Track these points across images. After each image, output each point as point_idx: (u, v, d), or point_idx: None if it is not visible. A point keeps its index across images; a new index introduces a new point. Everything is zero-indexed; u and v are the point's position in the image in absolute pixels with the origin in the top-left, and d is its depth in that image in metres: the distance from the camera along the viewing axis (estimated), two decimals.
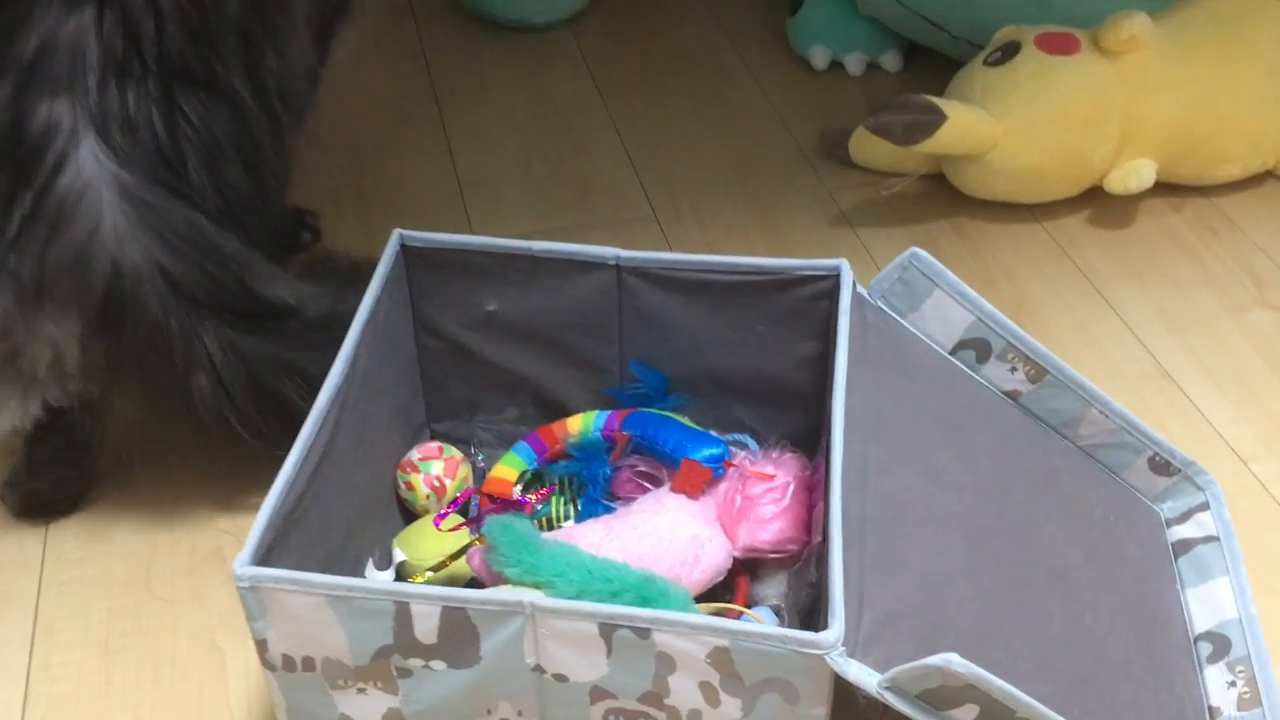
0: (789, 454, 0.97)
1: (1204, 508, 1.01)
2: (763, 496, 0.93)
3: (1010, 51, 1.34)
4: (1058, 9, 1.41)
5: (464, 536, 0.95)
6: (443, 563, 0.93)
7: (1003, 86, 1.31)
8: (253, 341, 0.96)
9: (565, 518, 1.00)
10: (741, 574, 0.95)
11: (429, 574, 0.93)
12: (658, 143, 1.52)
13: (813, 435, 1.00)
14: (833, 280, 0.95)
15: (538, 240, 0.98)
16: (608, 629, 0.72)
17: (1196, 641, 0.92)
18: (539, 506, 0.98)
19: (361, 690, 0.77)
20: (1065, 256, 1.34)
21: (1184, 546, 0.99)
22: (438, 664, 0.75)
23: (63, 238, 0.90)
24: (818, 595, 0.87)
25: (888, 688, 0.69)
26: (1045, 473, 0.94)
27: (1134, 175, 1.31)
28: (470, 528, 0.96)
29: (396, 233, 0.98)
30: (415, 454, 1.01)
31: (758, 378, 1.01)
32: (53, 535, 1.04)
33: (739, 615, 0.91)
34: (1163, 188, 1.37)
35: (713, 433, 0.99)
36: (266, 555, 0.76)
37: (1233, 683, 0.88)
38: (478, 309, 1.01)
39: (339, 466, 0.87)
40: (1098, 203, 1.39)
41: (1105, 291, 1.29)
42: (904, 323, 0.96)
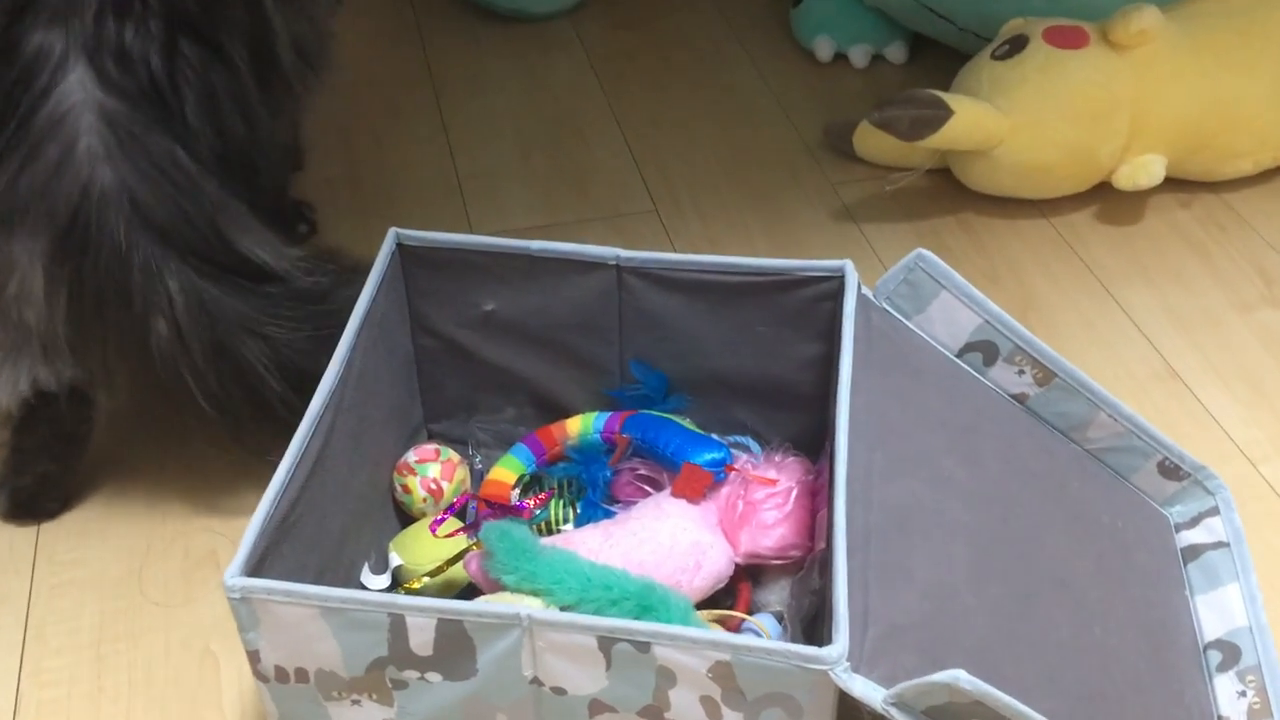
0: (792, 458, 0.96)
1: (1214, 513, 0.99)
2: (765, 502, 0.91)
3: (1018, 45, 1.31)
4: (1066, 2, 1.39)
5: (461, 542, 0.94)
6: (440, 568, 0.92)
7: (1010, 80, 1.29)
8: (219, 295, 0.93)
9: (564, 521, 0.99)
10: (743, 580, 0.93)
11: (425, 579, 0.92)
12: (658, 134, 1.50)
13: (816, 438, 0.99)
14: (837, 281, 0.93)
15: (537, 234, 0.96)
16: (607, 642, 0.70)
17: (1206, 650, 0.91)
18: (537, 511, 0.97)
19: (356, 702, 0.76)
20: (1072, 253, 1.32)
21: (1193, 552, 0.98)
22: (434, 676, 0.74)
23: (38, 161, 0.88)
24: (821, 603, 0.85)
25: (893, 704, 0.67)
26: (1053, 478, 0.93)
27: (1143, 171, 1.29)
28: (468, 533, 0.94)
29: (393, 231, 0.96)
30: (412, 456, 1.00)
31: (760, 379, 0.99)
32: (44, 537, 1.03)
33: (740, 622, 0.90)
34: (1172, 183, 1.35)
35: (714, 435, 0.98)
36: (259, 564, 0.74)
37: (1243, 692, 0.87)
38: (475, 308, 0.99)
39: (334, 471, 0.85)
40: (1106, 199, 1.37)
41: (1113, 289, 1.27)
42: (910, 325, 0.94)
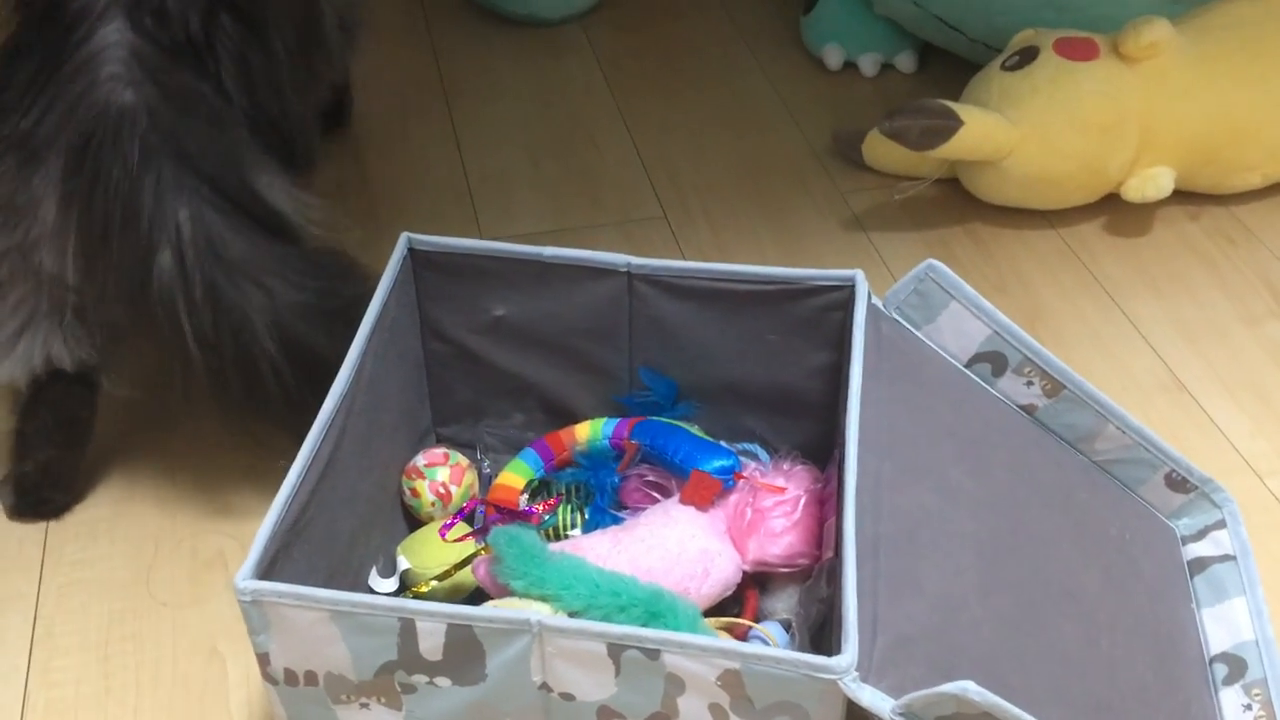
0: (800, 466, 0.96)
1: (1221, 526, 0.99)
2: (773, 510, 0.91)
3: (1028, 56, 1.32)
4: (1076, 13, 1.39)
5: (469, 546, 0.94)
6: (447, 572, 0.92)
7: (1020, 91, 1.30)
8: (228, 233, 0.92)
9: (572, 526, 0.99)
10: (750, 587, 0.93)
11: (433, 583, 0.92)
12: (668, 140, 1.50)
13: (824, 446, 0.99)
14: (847, 291, 0.93)
15: (547, 239, 0.96)
16: (616, 649, 0.70)
17: (1212, 663, 0.91)
18: (546, 516, 0.97)
19: (364, 705, 0.76)
20: (1080, 264, 1.32)
21: (1200, 565, 0.98)
22: (443, 681, 0.74)
23: (65, 96, 0.90)
24: (829, 611, 0.85)
25: (902, 714, 0.68)
26: (1060, 489, 0.93)
27: (1152, 183, 1.30)
28: (476, 537, 0.95)
29: (404, 235, 0.97)
30: (421, 460, 1.00)
31: (769, 387, 0.99)
32: (52, 537, 1.03)
33: (747, 630, 0.90)
34: (1180, 196, 1.35)
35: (722, 442, 0.98)
36: (269, 567, 0.74)
37: (1248, 706, 0.87)
38: (486, 313, 0.99)
39: (344, 474, 0.86)
40: (1114, 210, 1.37)
41: (1120, 300, 1.27)
42: (919, 335, 0.94)
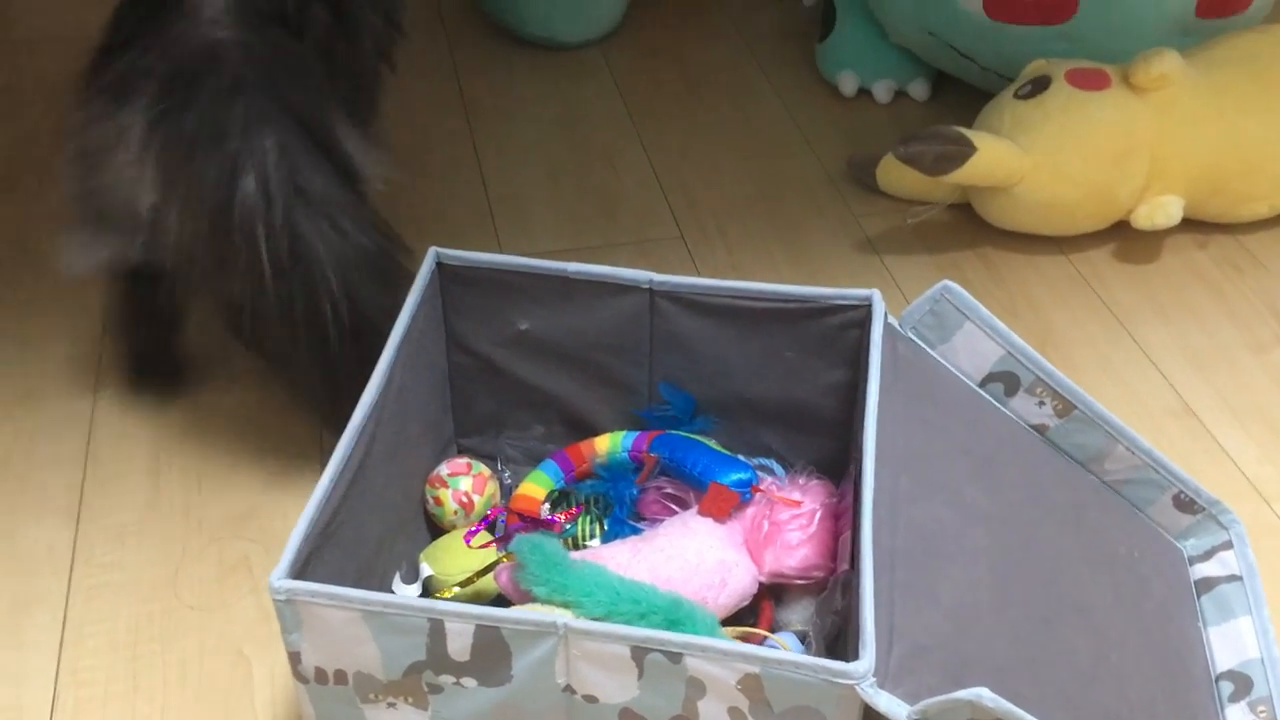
0: (815, 481, 0.98)
1: (1227, 546, 1.01)
2: (789, 523, 0.93)
3: (1041, 85, 1.34)
4: (1088, 44, 1.42)
5: (491, 553, 0.96)
6: (470, 579, 0.94)
7: (1032, 120, 1.32)
8: (309, 169, 0.96)
9: (590, 537, 1.01)
10: (766, 599, 0.95)
11: (456, 590, 0.94)
12: (685, 162, 1.53)
13: (839, 462, 1.01)
14: (863, 310, 0.96)
15: (565, 258, 0.99)
16: (640, 652, 0.72)
17: (1218, 680, 0.93)
18: (568, 526, 0.99)
19: (392, 705, 0.78)
20: (1090, 290, 1.34)
21: (1207, 584, 1.00)
22: (469, 681, 0.76)
23: (163, 37, 0.97)
24: (843, 623, 0.87)
25: (917, 719, 0.69)
26: (1071, 507, 0.95)
27: (1161, 211, 1.32)
28: (498, 545, 0.97)
29: (433, 250, 0.99)
30: (444, 469, 1.02)
31: (786, 403, 1.02)
32: (82, 540, 1.05)
33: (763, 640, 0.92)
34: (1189, 224, 1.38)
35: (740, 457, 1.00)
36: (303, 568, 0.76)
37: None
38: (510, 327, 1.02)
39: (372, 480, 0.88)
40: (1124, 237, 1.39)
41: (1130, 326, 1.30)
42: (934, 354, 0.97)
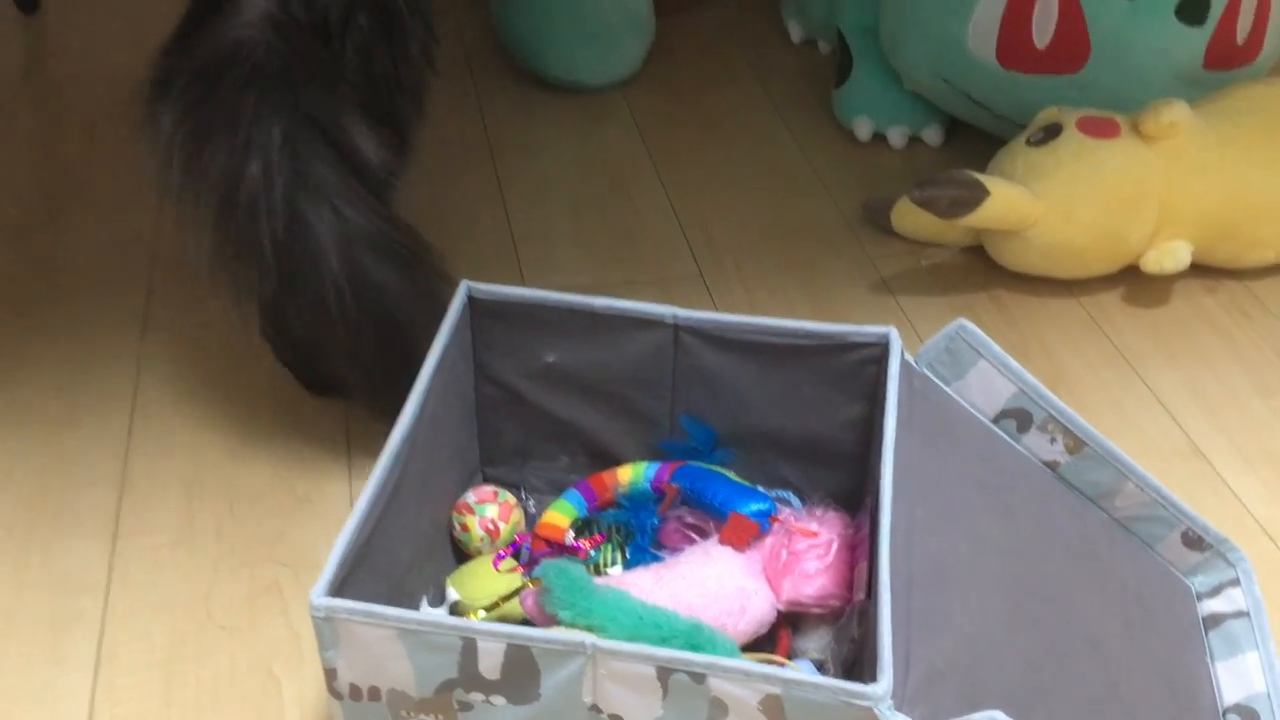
0: (832, 512, 1.00)
1: (1235, 583, 1.03)
2: (807, 552, 0.96)
3: (1052, 132, 1.38)
4: (1098, 94, 1.46)
5: (516, 579, 0.99)
6: (496, 603, 0.97)
7: (1044, 166, 1.36)
8: (313, 157, 1.02)
9: (612, 564, 1.03)
10: (783, 627, 0.98)
11: (482, 614, 0.97)
12: (704, 203, 1.57)
13: (855, 495, 1.04)
14: (880, 347, 0.99)
15: (586, 293, 1.02)
16: (665, 672, 0.75)
17: (1225, 714, 0.95)
18: (592, 552, 1.02)
19: None
20: (1100, 332, 1.37)
21: (1214, 620, 1.02)
22: (498, 699, 0.78)
23: (203, 38, 1.04)
24: (859, 650, 0.90)
25: None
26: (1083, 541, 0.97)
27: (1170, 256, 1.35)
28: (523, 570, 0.99)
29: (464, 284, 1.03)
30: (471, 497, 1.05)
31: (804, 437, 1.04)
32: (118, 561, 1.08)
33: (780, 667, 0.94)
34: (1198, 269, 1.41)
35: (759, 488, 1.03)
36: (340, 588, 0.79)
37: None
38: (537, 360, 1.05)
39: (405, 505, 0.91)
40: (1134, 281, 1.42)
41: (1139, 368, 1.32)
42: (949, 391, 1.00)
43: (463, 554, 1.06)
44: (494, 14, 1.81)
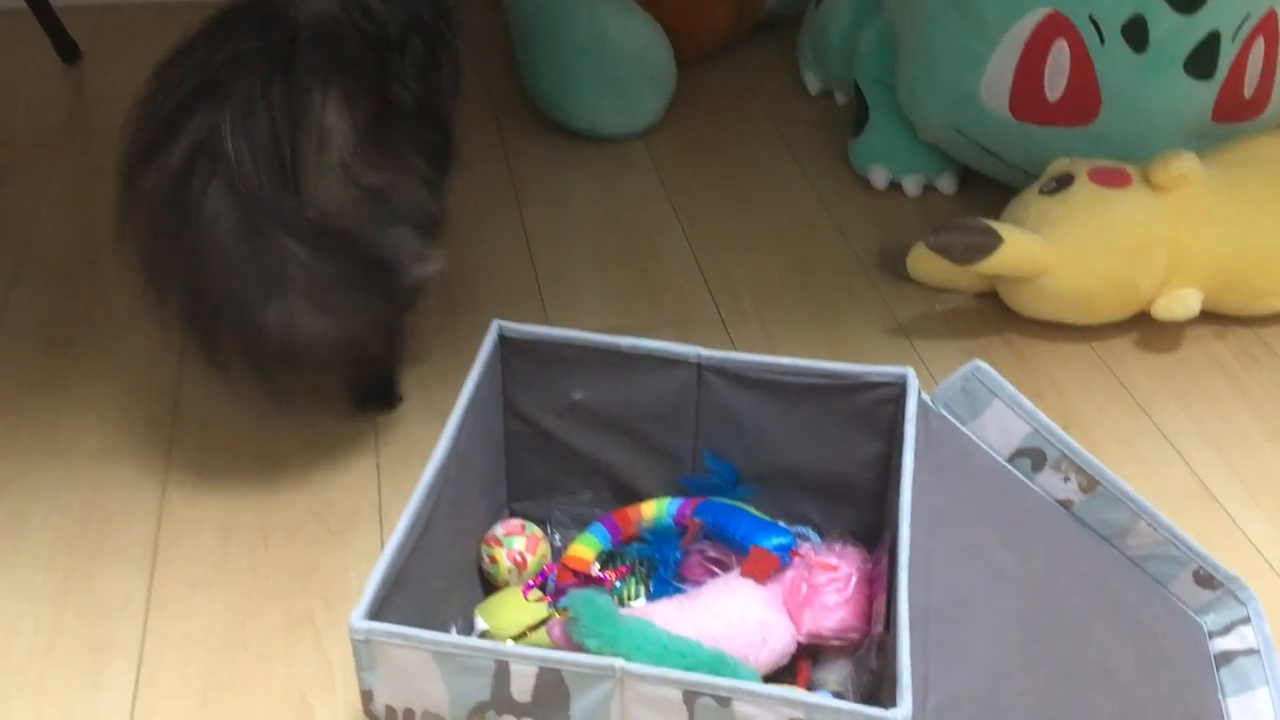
0: (851, 547, 1.03)
1: (1245, 621, 1.05)
2: (827, 585, 0.98)
3: (1064, 182, 1.42)
4: (1109, 145, 1.49)
5: (543, 609, 1.01)
6: (523, 633, 0.99)
7: (1056, 214, 1.39)
8: (266, 185, 1.06)
9: (635, 597, 1.06)
10: (803, 659, 1.00)
11: (510, 643, 0.99)
12: (724, 248, 1.61)
13: (873, 531, 1.06)
14: (898, 386, 1.02)
15: (610, 335, 1.05)
16: (691, 696, 0.77)
17: None
18: (617, 583, 1.05)
19: None
20: (1112, 376, 1.40)
21: (1225, 658, 1.04)
22: None
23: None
24: (878, 682, 0.92)
25: None
26: (1096, 577, 1.00)
27: (1180, 304, 1.38)
28: (549, 601, 1.02)
29: (496, 323, 1.06)
30: (499, 530, 1.08)
31: (824, 474, 1.07)
32: (156, 592, 1.11)
33: None
34: (1208, 316, 1.44)
35: (780, 523, 1.06)
36: (377, 612, 0.82)
37: None
38: (564, 397, 1.08)
39: (437, 536, 0.94)
40: (1145, 327, 1.46)
41: (1151, 411, 1.35)
42: (964, 430, 1.03)
43: (491, 586, 1.09)
44: (521, 68, 1.87)
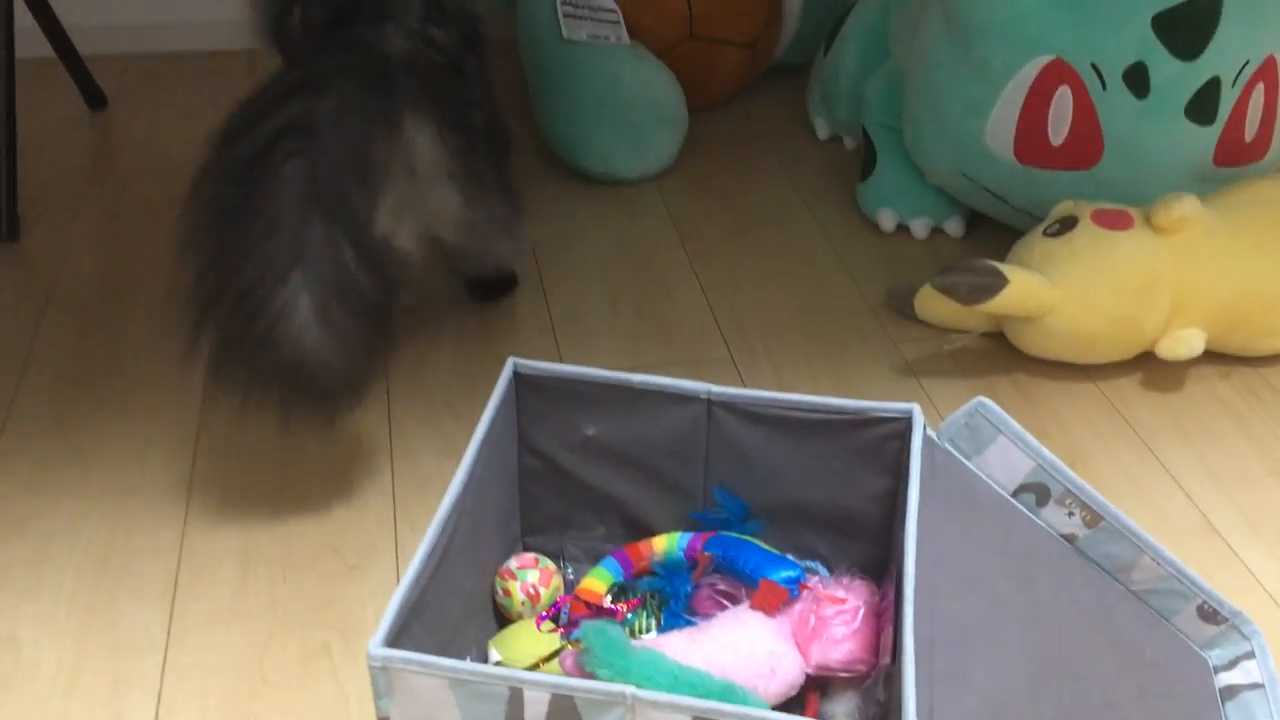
0: (859, 580, 1.05)
1: (1250, 656, 1.06)
2: (835, 618, 1.00)
3: (1068, 224, 1.45)
4: (1112, 188, 1.52)
5: (555, 641, 1.03)
6: (536, 664, 1.01)
7: (1061, 256, 1.42)
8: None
9: (647, 629, 1.08)
10: (812, 690, 1.01)
11: None
12: (735, 290, 1.64)
13: (881, 565, 1.08)
14: (904, 422, 1.04)
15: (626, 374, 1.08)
16: None
17: None
18: (629, 615, 1.06)
19: None
20: (1117, 414, 1.42)
21: (1230, 692, 1.05)
22: None
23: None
24: (885, 713, 0.94)
25: None
26: (1100, 611, 1.01)
27: (1184, 344, 1.40)
28: (562, 632, 1.04)
29: (511, 360, 1.09)
30: (513, 563, 1.10)
31: (831, 509, 1.09)
32: (176, 625, 1.13)
33: None
34: (1212, 356, 1.46)
35: (789, 557, 1.08)
36: (395, 640, 0.84)
37: None
38: (577, 433, 1.11)
39: (453, 567, 0.96)
40: (1149, 366, 1.48)
41: (1155, 448, 1.37)
42: (969, 465, 1.05)
43: (504, 619, 1.10)
44: (536, 113, 1.91)
